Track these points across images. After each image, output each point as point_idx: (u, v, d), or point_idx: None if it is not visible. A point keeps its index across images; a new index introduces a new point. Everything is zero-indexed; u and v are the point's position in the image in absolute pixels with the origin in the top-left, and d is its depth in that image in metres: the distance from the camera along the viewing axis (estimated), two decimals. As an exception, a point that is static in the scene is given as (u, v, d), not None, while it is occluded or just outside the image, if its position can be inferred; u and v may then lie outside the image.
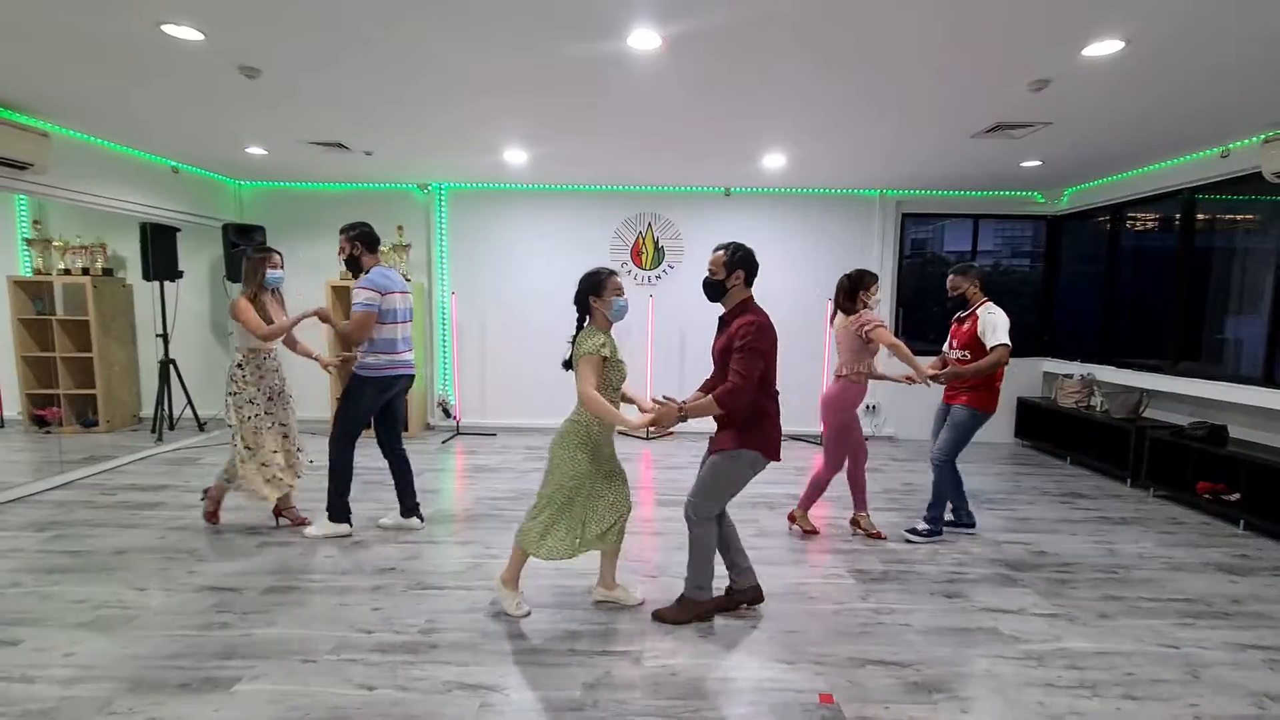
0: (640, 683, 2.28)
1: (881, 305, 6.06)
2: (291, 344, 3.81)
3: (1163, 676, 2.38)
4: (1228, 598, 3.05)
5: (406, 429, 5.76)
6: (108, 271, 6.21)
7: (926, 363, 3.67)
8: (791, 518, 3.81)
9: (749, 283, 2.68)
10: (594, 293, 2.67)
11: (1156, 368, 5.14)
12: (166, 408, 5.96)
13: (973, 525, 3.85)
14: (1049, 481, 5.05)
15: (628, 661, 2.41)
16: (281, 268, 3.63)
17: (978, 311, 3.60)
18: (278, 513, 3.76)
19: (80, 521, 3.79)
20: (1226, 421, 4.47)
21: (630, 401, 2.79)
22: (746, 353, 2.48)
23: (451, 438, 6.19)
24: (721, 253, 2.68)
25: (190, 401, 6.12)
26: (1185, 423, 4.68)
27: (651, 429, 2.61)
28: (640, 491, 4.61)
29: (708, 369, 2.85)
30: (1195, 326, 4.96)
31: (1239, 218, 4.74)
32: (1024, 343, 6.44)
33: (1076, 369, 5.87)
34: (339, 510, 3.59)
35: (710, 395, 2.54)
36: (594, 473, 2.65)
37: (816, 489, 3.71)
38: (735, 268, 2.65)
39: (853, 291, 3.60)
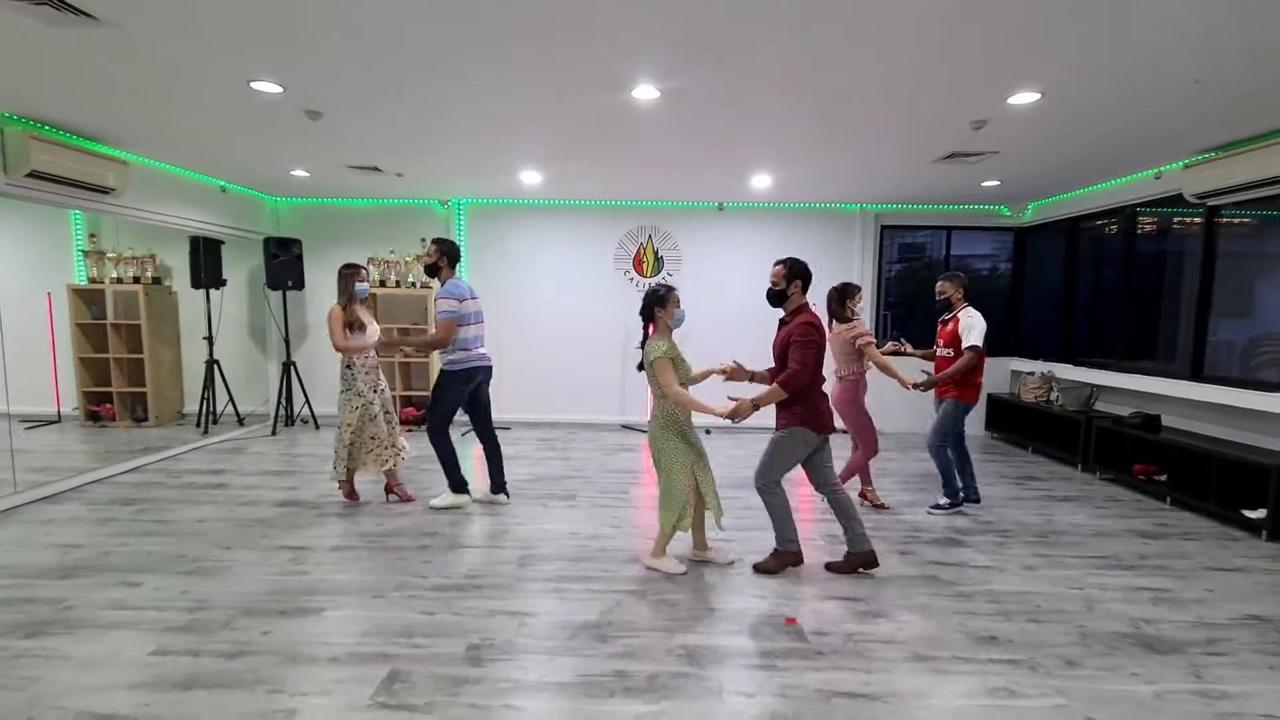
0: (644, 609, 2.86)
1: (864, 311, 6.67)
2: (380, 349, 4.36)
3: (1064, 608, 2.96)
4: (1136, 555, 3.63)
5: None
6: (156, 280, 6.82)
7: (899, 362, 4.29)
8: (863, 495, 4.41)
9: (805, 289, 3.28)
10: (659, 305, 3.25)
11: (1105, 365, 5.73)
12: (211, 404, 6.56)
13: (977, 500, 4.45)
14: (1009, 467, 5.63)
15: (635, 598, 3.00)
16: (367, 280, 4.26)
17: (959, 315, 4.20)
18: (388, 489, 4.39)
19: (158, 499, 4.38)
20: (1164, 412, 5.05)
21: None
22: (803, 346, 3.08)
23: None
24: (781, 267, 3.29)
25: (232, 398, 6.71)
26: (1126, 413, 5.26)
27: (733, 419, 3.11)
28: (644, 475, 5.20)
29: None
30: (1142, 328, 5.55)
31: (1170, 229, 5.32)
32: (994, 344, 7.03)
33: (1039, 367, 6.46)
34: (457, 484, 4.25)
35: (775, 383, 3.14)
36: (692, 450, 3.22)
37: (852, 471, 4.32)
38: (794, 278, 3.25)
39: (841, 300, 4.21)
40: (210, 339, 6.51)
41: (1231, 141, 4.24)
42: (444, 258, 4.10)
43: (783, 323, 3.31)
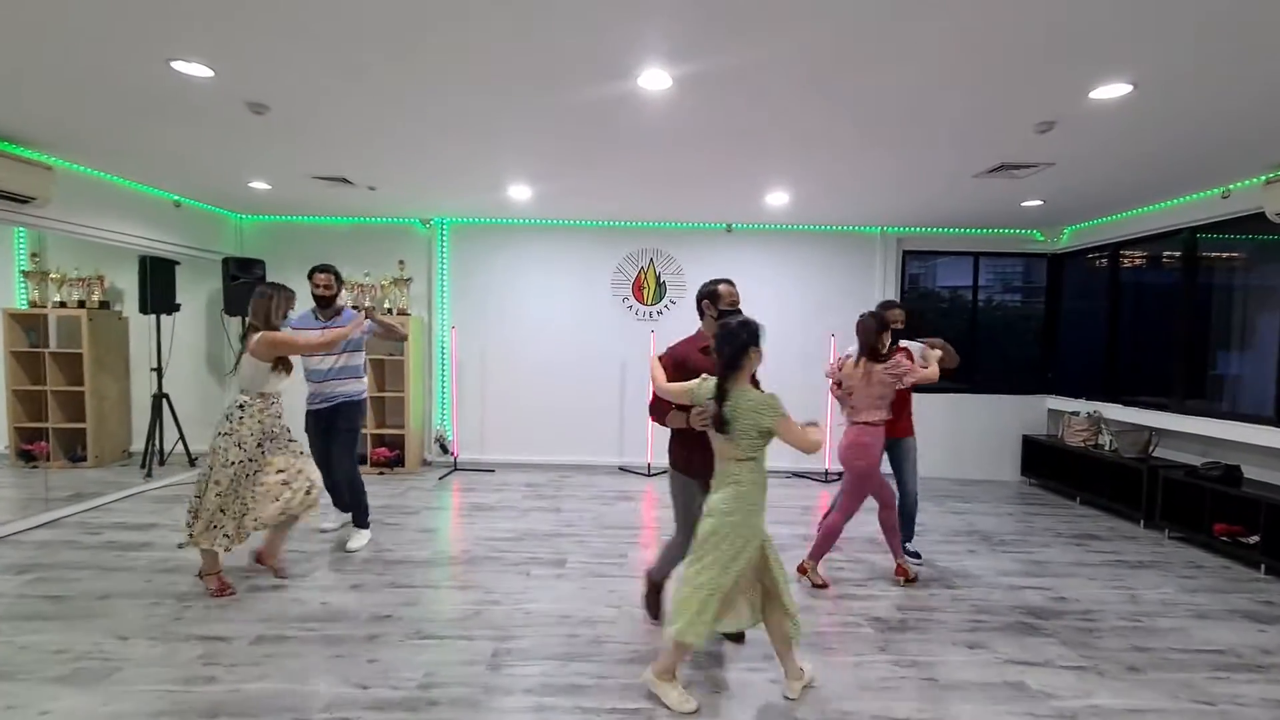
0: (654, 745, 2.15)
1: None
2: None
3: (1203, 737, 2.26)
4: (1258, 648, 2.94)
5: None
6: (104, 304, 6.14)
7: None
8: (802, 569, 3.57)
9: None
10: (755, 343, 2.36)
11: (1163, 405, 5.10)
12: (158, 443, 5.83)
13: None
14: (1061, 522, 4.94)
15: (639, 720, 2.28)
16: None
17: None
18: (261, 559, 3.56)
19: (63, 564, 3.64)
20: (1238, 461, 4.40)
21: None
22: None
23: (449, 473, 6.05)
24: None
25: (182, 436, 5.99)
26: (1198, 462, 4.61)
27: None
28: (645, 531, 4.49)
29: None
30: (1200, 364, 4.94)
31: (1241, 256, 4.75)
32: (1027, 380, 6.42)
33: (1082, 406, 5.82)
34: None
35: None
36: (762, 535, 2.42)
37: (829, 538, 3.56)
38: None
39: (879, 331, 3.51)
40: (159, 369, 5.81)
41: (1325, 153, 3.69)
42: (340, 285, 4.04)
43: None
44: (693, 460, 2.65)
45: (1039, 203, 5.07)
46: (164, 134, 3.79)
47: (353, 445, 4.00)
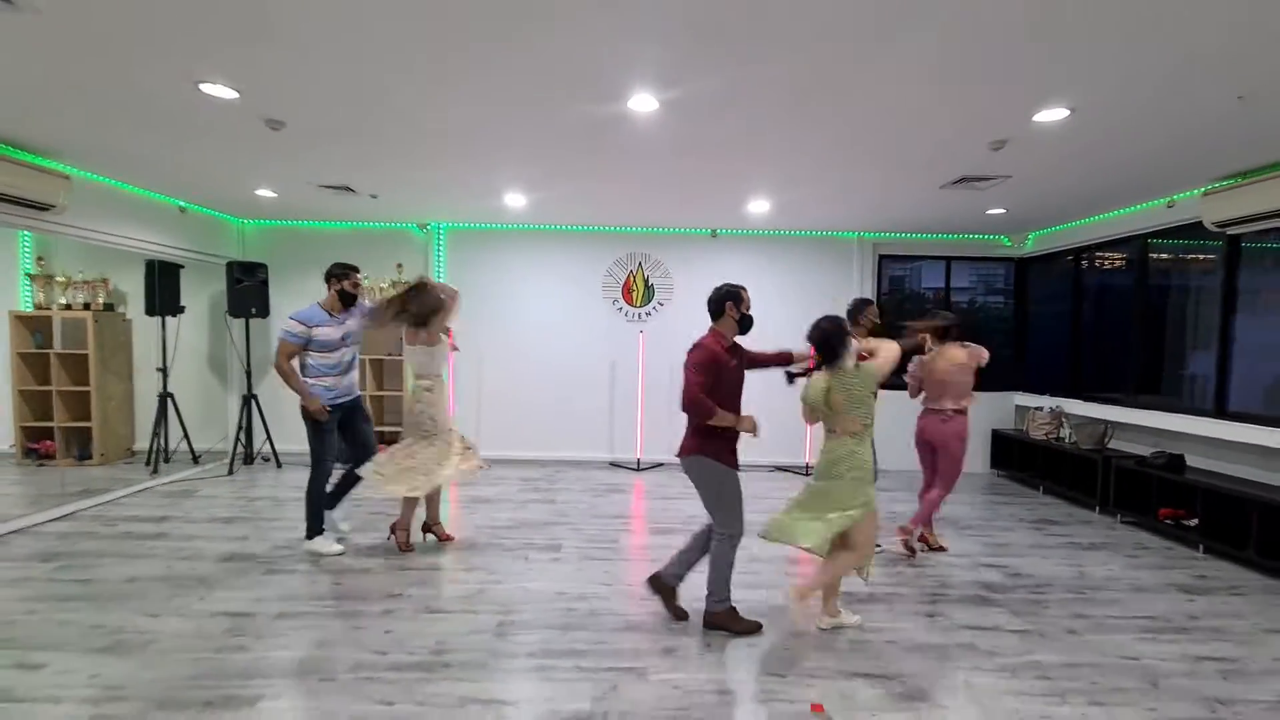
0: (645, 695, 2.43)
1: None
2: None
3: (1125, 685, 2.58)
4: (1185, 615, 3.27)
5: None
6: (109, 307, 6.33)
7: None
8: (923, 539, 4.15)
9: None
10: (844, 344, 2.96)
11: (1118, 400, 5.46)
12: (163, 441, 6.02)
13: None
14: (1023, 509, 5.29)
15: (633, 677, 2.56)
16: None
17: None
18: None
19: (85, 552, 3.86)
20: (1184, 451, 4.76)
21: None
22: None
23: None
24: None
25: (187, 435, 6.18)
26: (1147, 452, 4.97)
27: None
28: (635, 520, 4.77)
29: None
30: (1152, 362, 5.31)
31: (1188, 260, 5.12)
32: (997, 377, 6.77)
33: (1046, 402, 6.18)
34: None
35: None
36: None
37: (933, 507, 4.11)
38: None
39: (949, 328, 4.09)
40: (164, 370, 6.01)
41: (1256, 168, 4.05)
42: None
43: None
44: (733, 454, 2.95)
45: (1002, 211, 5.41)
46: (182, 147, 4.02)
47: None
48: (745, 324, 2.99)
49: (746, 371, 3.04)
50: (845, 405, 2.90)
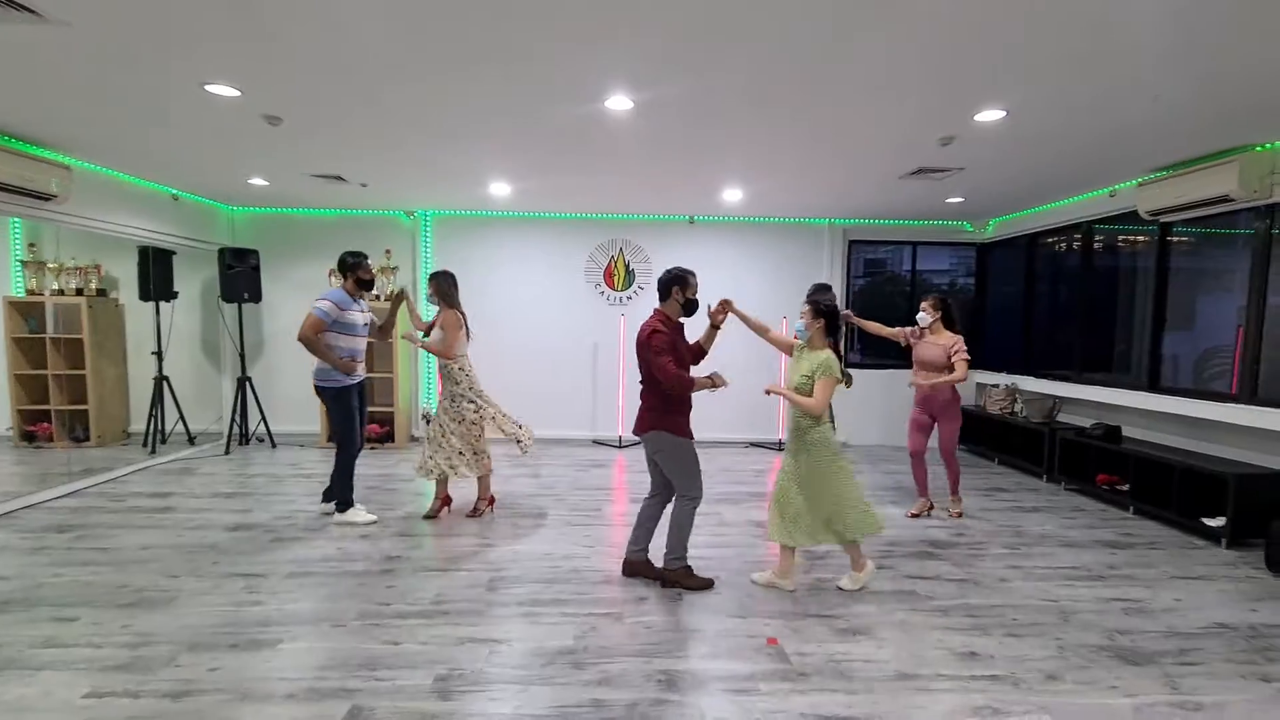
0: (621, 633, 2.76)
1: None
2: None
3: (1040, 621, 2.96)
4: (1105, 565, 3.68)
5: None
6: (101, 292, 6.48)
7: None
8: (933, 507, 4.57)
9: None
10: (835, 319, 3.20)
11: (1067, 377, 5.87)
12: (159, 422, 6.23)
13: None
14: (977, 479, 5.69)
15: (610, 620, 2.89)
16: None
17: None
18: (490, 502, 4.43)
19: (98, 524, 4.10)
20: (1123, 423, 5.18)
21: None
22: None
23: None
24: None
25: (182, 416, 6.39)
26: (1088, 424, 5.39)
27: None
28: (616, 491, 5.10)
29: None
30: (1097, 340, 5.71)
31: (1125, 245, 5.51)
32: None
33: (1003, 379, 6.59)
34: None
35: None
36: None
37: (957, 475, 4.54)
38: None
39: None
40: (159, 354, 6.20)
41: (1182, 161, 4.41)
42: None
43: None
44: (689, 423, 3.23)
45: (960, 199, 5.76)
46: (182, 141, 4.21)
47: None
48: (690, 308, 3.24)
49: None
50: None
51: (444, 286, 4.15)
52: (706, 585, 3.25)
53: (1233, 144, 3.98)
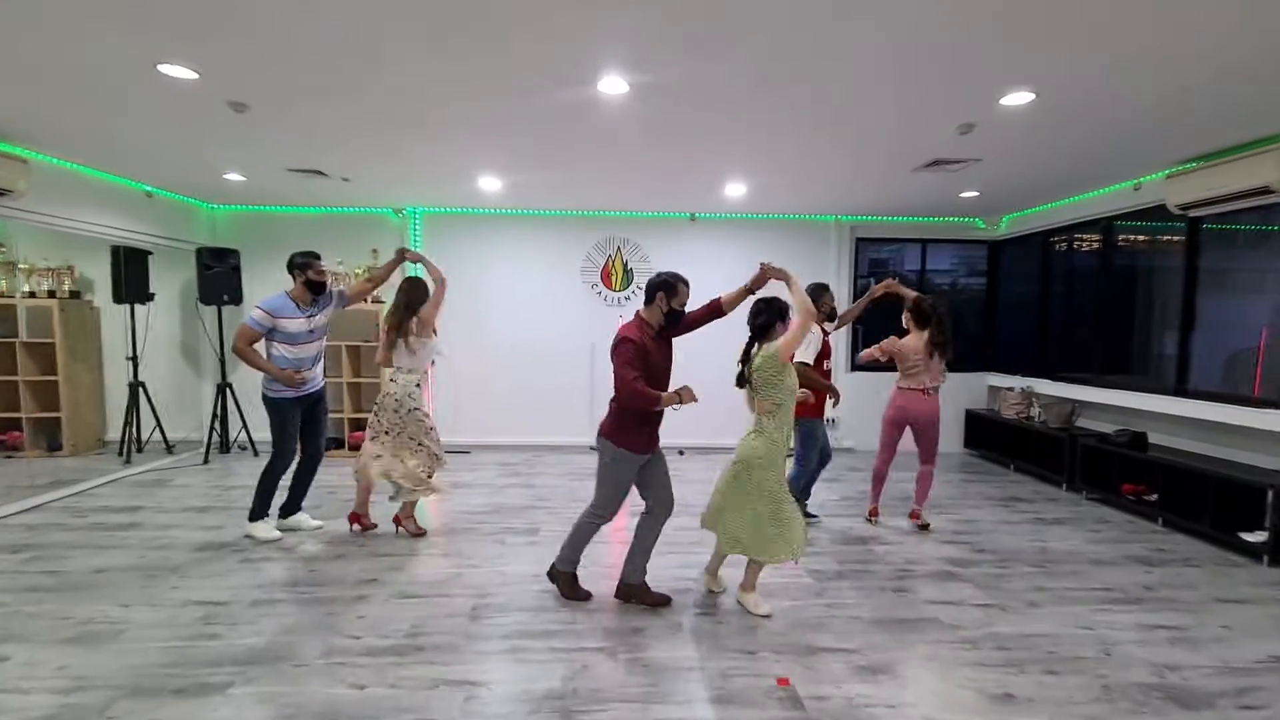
0: (615, 674, 2.47)
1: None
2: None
3: (1079, 654, 2.68)
4: (1140, 585, 3.39)
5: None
6: (75, 294, 6.20)
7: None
8: (915, 515, 4.31)
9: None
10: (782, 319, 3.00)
11: (1086, 380, 5.59)
12: (135, 430, 5.94)
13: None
14: (993, 488, 5.41)
15: (603, 657, 2.60)
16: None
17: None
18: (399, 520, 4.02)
19: (55, 544, 3.81)
20: (1146, 428, 4.89)
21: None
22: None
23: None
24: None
25: (159, 424, 6.10)
26: (1112, 430, 5.10)
27: None
28: (612, 504, 4.81)
29: (670, 387, 3.16)
30: (1117, 342, 5.43)
31: (1150, 242, 5.22)
32: (970, 358, 6.88)
33: (1017, 382, 6.30)
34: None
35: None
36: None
37: (929, 482, 4.29)
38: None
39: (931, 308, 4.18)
40: (134, 359, 5.91)
41: (1214, 151, 4.13)
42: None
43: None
44: (652, 439, 3.00)
45: (975, 194, 5.47)
46: (143, 130, 3.93)
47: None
48: (672, 318, 2.98)
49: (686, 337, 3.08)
50: (759, 386, 2.91)
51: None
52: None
53: (1272, 131, 3.69)
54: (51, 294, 6.06)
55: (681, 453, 6.35)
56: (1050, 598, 3.23)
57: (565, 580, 3.12)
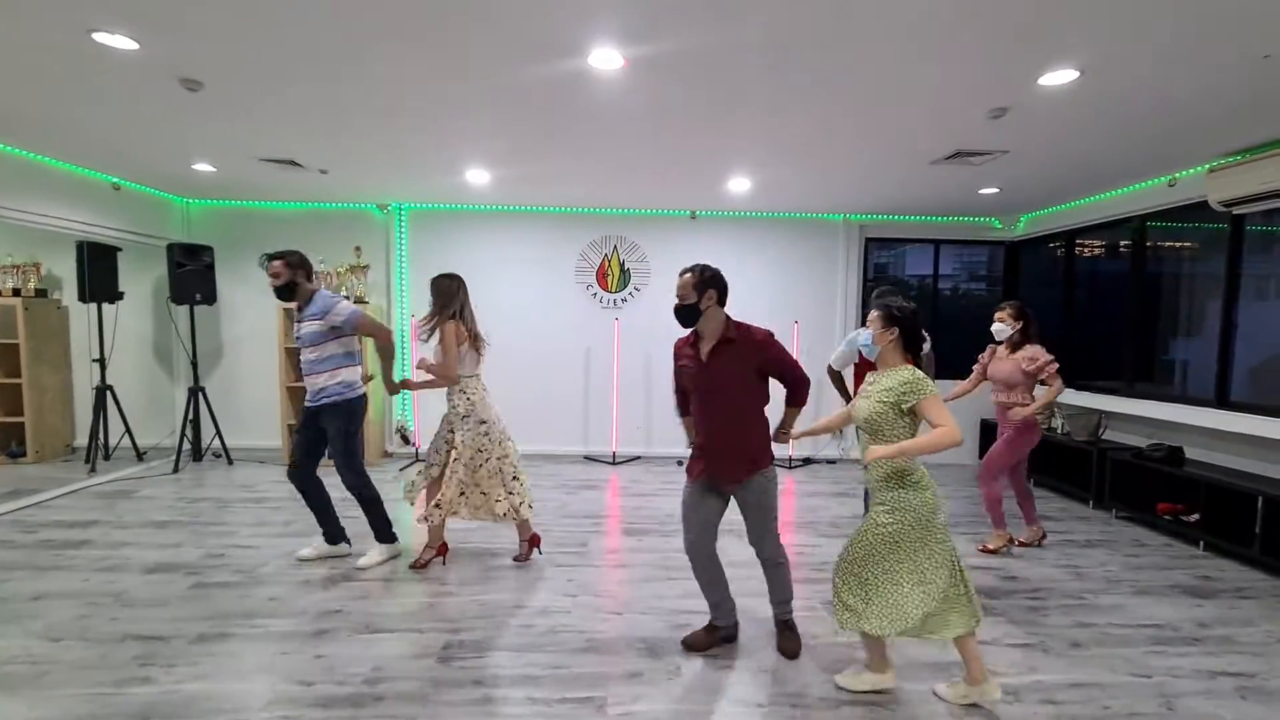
0: (603, 734, 2.13)
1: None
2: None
3: (1139, 710, 2.33)
4: (1194, 622, 3.04)
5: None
6: (41, 292, 5.87)
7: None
8: (1011, 540, 3.99)
9: (722, 302, 2.57)
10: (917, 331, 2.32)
11: (1114, 390, 5.24)
12: (102, 437, 5.60)
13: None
14: (1014, 504, 5.04)
15: (590, 709, 2.26)
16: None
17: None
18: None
19: (-7, 564, 3.47)
20: (1182, 442, 4.54)
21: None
22: (786, 354, 2.59)
23: (410, 465, 5.95)
24: (690, 275, 2.55)
25: (129, 430, 5.75)
26: (1144, 444, 4.75)
27: None
28: (608, 520, 4.47)
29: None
30: (1149, 349, 5.08)
31: (1187, 244, 4.88)
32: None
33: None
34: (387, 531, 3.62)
35: (792, 406, 2.65)
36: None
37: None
38: (706, 288, 2.53)
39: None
40: (102, 360, 5.57)
41: (1263, 143, 3.79)
42: (299, 271, 3.44)
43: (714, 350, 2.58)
44: (698, 461, 2.68)
45: (996, 190, 5.13)
46: (93, 112, 3.59)
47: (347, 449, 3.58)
48: (680, 313, 2.61)
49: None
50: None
51: (446, 287, 3.65)
52: None
53: (1335, 118, 3.36)
54: (16, 292, 5.74)
55: (680, 463, 6.00)
56: (1094, 636, 2.87)
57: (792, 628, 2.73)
